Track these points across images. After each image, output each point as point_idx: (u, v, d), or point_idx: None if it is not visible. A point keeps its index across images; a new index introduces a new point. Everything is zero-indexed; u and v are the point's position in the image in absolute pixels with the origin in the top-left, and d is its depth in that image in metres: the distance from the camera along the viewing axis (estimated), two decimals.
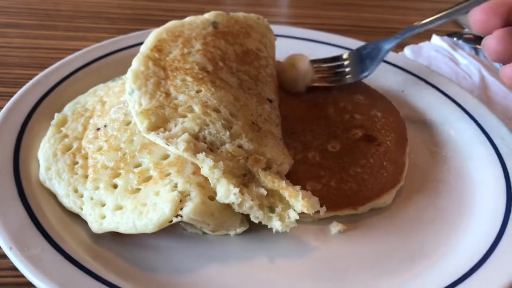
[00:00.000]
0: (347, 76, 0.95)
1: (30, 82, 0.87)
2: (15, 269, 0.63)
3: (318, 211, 0.65)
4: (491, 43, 0.67)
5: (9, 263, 0.64)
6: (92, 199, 0.68)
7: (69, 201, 0.69)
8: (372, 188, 0.74)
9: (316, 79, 0.94)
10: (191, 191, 0.63)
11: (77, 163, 0.73)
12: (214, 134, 0.68)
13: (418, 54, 1.22)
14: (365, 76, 0.94)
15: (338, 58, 0.98)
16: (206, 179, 0.64)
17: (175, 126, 0.67)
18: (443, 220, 0.74)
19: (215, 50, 0.81)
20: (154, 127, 0.67)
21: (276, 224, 0.64)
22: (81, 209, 0.68)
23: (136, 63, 0.75)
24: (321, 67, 0.96)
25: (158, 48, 0.78)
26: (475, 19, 0.67)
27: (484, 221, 0.72)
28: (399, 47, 1.24)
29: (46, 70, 0.91)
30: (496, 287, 0.61)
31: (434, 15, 0.91)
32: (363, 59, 0.95)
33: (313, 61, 0.95)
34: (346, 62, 0.97)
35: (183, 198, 0.62)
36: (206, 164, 0.63)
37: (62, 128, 0.79)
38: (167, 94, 0.71)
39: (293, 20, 1.46)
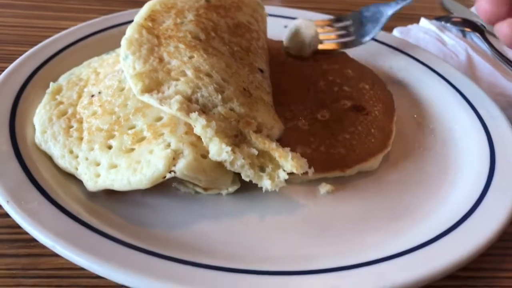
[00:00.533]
0: (351, 38, 0.99)
1: (26, 53, 0.89)
2: (11, 226, 0.65)
3: (306, 172, 0.67)
4: (504, 29, 0.69)
5: (5, 221, 0.66)
6: (87, 159, 0.69)
7: (64, 162, 0.70)
8: (360, 153, 0.77)
9: (321, 42, 0.98)
10: (184, 149, 0.65)
11: (72, 126, 0.74)
12: (207, 97, 0.69)
13: (406, 36, 1.24)
14: (367, 40, 0.98)
15: (341, 19, 1.01)
16: (198, 139, 0.66)
17: (168, 88, 0.69)
18: (428, 184, 0.77)
19: (207, 22, 0.83)
20: (148, 90, 0.68)
21: (266, 183, 0.66)
22: (76, 169, 0.69)
23: (130, 31, 0.77)
24: (326, 29, 1.00)
25: (152, 18, 0.80)
26: (483, 9, 0.69)
27: (468, 184, 0.75)
28: (388, 29, 1.26)
29: (42, 43, 0.92)
30: (475, 242, 0.63)
31: None
32: (365, 22, 0.99)
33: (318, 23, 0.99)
34: (348, 24, 1.00)
35: (176, 156, 0.64)
36: (199, 123, 0.65)
37: (57, 96, 0.80)
38: (160, 59, 0.73)
39: (286, 4, 1.47)
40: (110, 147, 0.69)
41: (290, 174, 0.67)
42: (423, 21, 1.33)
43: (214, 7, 0.86)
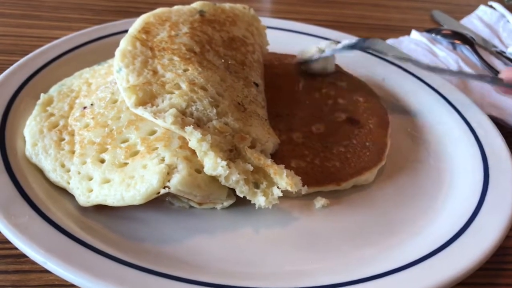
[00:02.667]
0: None
1: (16, 63, 0.87)
2: (0, 242, 0.64)
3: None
4: None
5: None
6: (79, 173, 0.68)
7: (56, 176, 0.69)
8: (355, 166, 0.76)
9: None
10: (178, 164, 0.64)
11: (63, 139, 0.73)
12: (201, 111, 0.69)
13: (398, 48, 1.25)
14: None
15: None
16: (192, 153, 0.65)
17: (163, 101, 0.68)
18: (422, 197, 0.77)
19: (202, 35, 0.82)
20: (141, 102, 0.68)
21: (260, 200, 0.66)
22: (68, 183, 0.68)
23: (124, 43, 0.76)
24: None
25: (146, 30, 0.80)
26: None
27: (462, 197, 0.75)
28: None
29: (32, 53, 0.91)
30: (471, 258, 0.63)
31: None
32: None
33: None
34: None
35: (170, 171, 0.63)
36: (194, 137, 0.64)
37: (48, 108, 0.79)
38: (155, 72, 0.72)
39: (275, 15, 1.48)
40: (102, 161, 0.68)
41: (285, 190, 0.66)
42: (414, 33, 1.34)
43: (208, 21, 0.86)
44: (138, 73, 0.71)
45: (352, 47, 0.96)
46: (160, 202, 0.69)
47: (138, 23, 0.81)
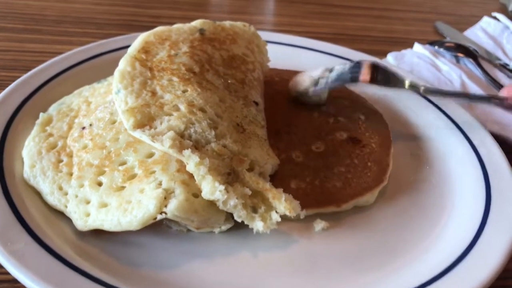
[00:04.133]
0: None
1: (15, 82, 0.87)
2: None
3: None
4: None
5: None
6: (76, 196, 0.68)
7: (53, 199, 0.69)
8: (355, 187, 0.75)
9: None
10: (175, 188, 0.63)
11: (61, 161, 0.73)
12: (200, 133, 0.68)
13: (400, 61, 1.24)
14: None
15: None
16: (190, 177, 0.65)
17: (161, 124, 0.68)
18: (424, 219, 0.76)
19: (202, 54, 0.82)
20: (140, 125, 0.67)
21: (258, 225, 0.65)
22: (66, 207, 0.68)
23: (123, 64, 0.76)
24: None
25: (145, 49, 0.79)
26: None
27: (464, 219, 0.74)
28: (382, 54, 1.27)
29: (32, 71, 0.91)
30: (475, 282, 0.62)
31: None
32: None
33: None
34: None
35: (167, 195, 0.62)
36: (192, 161, 0.63)
37: (47, 128, 0.79)
38: (153, 93, 0.72)
39: (278, 28, 1.47)
40: (100, 184, 0.68)
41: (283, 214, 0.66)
42: (417, 46, 1.33)
43: (208, 39, 0.86)
44: (136, 94, 0.71)
45: (344, 79, 0.88)
46: (158, 225, 0.68)
47: (138, 42, 0.81)
